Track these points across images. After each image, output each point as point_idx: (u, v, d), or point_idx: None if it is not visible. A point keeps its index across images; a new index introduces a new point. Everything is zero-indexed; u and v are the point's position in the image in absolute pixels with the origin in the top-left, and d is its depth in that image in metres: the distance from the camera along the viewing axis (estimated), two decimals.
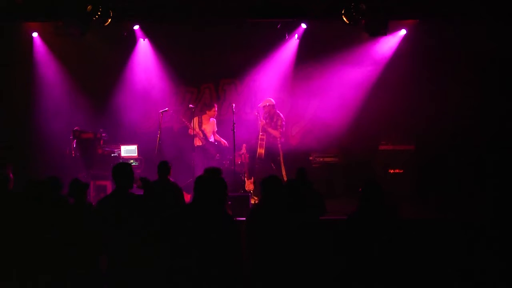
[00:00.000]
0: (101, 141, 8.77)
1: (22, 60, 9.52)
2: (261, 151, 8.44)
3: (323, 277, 3.80)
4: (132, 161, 8.66)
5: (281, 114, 8.65)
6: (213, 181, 3.78)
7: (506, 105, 8.77)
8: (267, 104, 8.63)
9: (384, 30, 8.34)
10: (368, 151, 9.39)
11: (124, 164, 4.27)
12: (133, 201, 4.14)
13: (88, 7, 7.74)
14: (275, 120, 8.57)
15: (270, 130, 8.50)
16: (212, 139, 8.79)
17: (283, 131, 8.57)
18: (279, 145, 8.58)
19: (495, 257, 5.03)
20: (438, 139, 9.06)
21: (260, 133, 8.48)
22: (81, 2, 7.76)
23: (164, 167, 5.83)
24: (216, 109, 8.84)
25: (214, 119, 8.88)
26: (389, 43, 9.46)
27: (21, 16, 8.39)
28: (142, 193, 5.24)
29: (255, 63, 9.93)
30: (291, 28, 9.42)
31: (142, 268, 3.91)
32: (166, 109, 8.72)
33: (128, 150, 8.83)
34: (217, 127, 9.00)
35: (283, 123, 8.56)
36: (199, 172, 7.34)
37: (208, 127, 8.79)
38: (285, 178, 8.17)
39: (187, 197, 6.87)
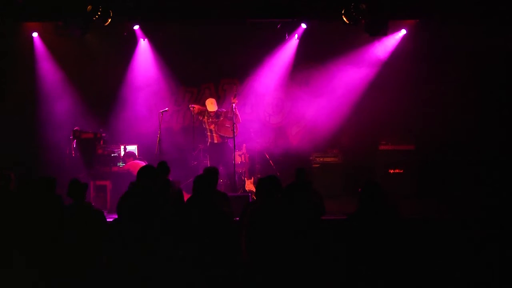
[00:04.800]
0: (101, 141, 8.75)
1: (22, 60, 9.51)
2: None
3: (323, 277, 3.81)
4: None
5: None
6: (204, 178, 3.92)
7: (506, 104, 8.78)
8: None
9: (384, 30, 8.34)
10: (368, 151, 9.39)
11: (151, 167, 4.63)
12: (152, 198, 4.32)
13: (88, 7, 7.73)
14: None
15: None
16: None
17: None
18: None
19: (495, 257, 5.03)
20: (438, 139, 9.06)
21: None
22: (81, 2, 7.76)
23: (163, 167, 5.83)
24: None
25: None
26: (389, 43, 9.46)
27: (21, 16, 8.40)
28: None
29: (255, 63, 9.92)
30: (291, 28, 9.41)
31: (142, 265, 3.93)
32: (166, 109, 8.75)
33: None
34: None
35: None
36: None
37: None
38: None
39: (187, 197, 6.86)
